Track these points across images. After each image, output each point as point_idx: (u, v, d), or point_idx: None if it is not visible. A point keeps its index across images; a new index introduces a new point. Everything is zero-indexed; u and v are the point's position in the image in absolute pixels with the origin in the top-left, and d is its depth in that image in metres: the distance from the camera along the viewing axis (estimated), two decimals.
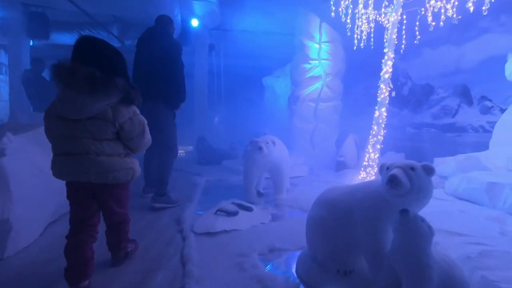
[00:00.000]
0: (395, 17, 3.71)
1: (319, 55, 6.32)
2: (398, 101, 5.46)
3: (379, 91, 3.98)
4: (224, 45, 8.67)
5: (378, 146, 4.03)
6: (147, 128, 1.75)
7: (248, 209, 2.94)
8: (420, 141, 4.81)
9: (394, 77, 6.08)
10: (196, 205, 3.29)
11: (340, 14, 4.34)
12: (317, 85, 6.36)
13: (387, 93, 3.89)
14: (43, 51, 8.76)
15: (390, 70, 3.90)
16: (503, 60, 3.93)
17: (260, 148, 3.07)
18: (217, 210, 2.74)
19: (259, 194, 3.44)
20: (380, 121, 3.95)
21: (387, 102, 3.94)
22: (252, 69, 10.88)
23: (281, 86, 9.66)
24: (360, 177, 4.29)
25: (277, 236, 2.42)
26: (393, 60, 3.89)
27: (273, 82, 10.09)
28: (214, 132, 8.05)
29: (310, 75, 6.34)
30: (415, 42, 3.95)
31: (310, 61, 6.30)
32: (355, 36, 4.32)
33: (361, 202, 1.63)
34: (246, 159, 3.43)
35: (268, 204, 3.43)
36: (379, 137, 3.99)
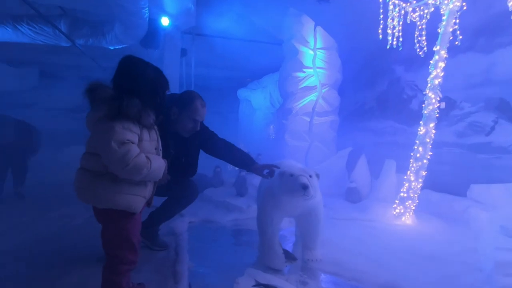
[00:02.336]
0: (455, 2, 2.72)
1: (314, 62, 5.25)
2: (405, 116, 4.78)
3: (426, 101, 2.92)
4: (196, 51, 7.26)
5: (424, 173, 2.94)
6: (115, 151, 1.32)
7: None
8: (440, 163, 3.93)
9: (398, 90, 5.24)
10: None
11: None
12: (312, 96, 5.27)
13: (437, 104, 2.84)
14: None
15: (442, 74, 2.87)
16: None
17: (305, 188, 1.75)
18: None
19: (289, 256, 2.09)
20: (428, 140, 2.87)
21: (436, 115, 2.88)
22: (225, 80, 9.59)
23: (259, 99, 8.50)
24: (394, 212, 3.15)
25: None
26: (445, 62, 2.87)
27: (249, 95, 8.90)
28: None
29: (304, 85, 5.23)
30: (456, 43, 2.98)
31: (304, 69, 5.21)
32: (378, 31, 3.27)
33: None
34: (266, 199, 2.06)
35: (297, 271, 2.09)
36: (424, 161, 2.91)
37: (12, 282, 1.83)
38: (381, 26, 3.40)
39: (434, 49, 2.87)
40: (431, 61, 2.91)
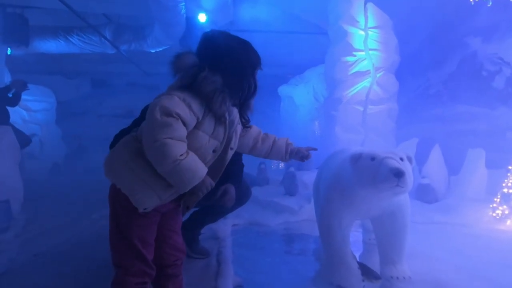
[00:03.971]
0: None
1: (366, 44, 4.56)
2: (486, 97, 3.94)
3: None
4: None
5: None
6: (154, 119, 0.98)
7: None
8: None
9: (475, 67, 4.31)
10: None
11: None
12: (365, 83, 4.56)
13: None
14: (23, 62, 7.06)
15: None
16: None
17: (400, 175, 1.17)
18: None
19: (368, 273, 1.53)
20: None
21: None
22: (265, 78, 9.12)
23: (301, 94, 7.92)
24: (494, 214, 2.38)
25: None
26: None
27: (290, 91, 8.37)
28: None
29: (354, 70, 4.54)
30: None
31: (355, 53, 4.54)
32: None
33: None
34: (331, 195, 1.51)
35: None
36: None
37: None
38: None
39: None
40: None
